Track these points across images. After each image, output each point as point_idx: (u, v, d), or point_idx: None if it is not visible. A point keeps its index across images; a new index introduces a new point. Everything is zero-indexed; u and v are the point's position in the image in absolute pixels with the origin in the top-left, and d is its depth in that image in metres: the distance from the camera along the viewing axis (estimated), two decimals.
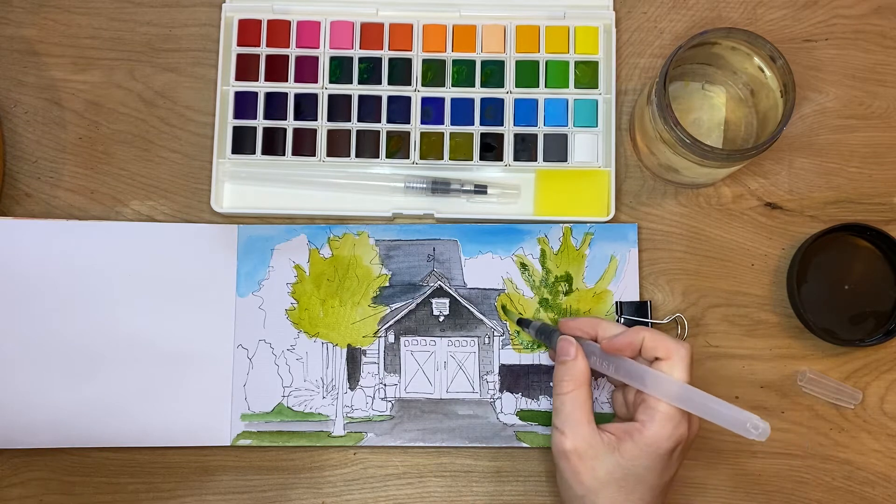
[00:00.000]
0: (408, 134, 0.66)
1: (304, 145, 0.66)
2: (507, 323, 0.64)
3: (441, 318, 0.65)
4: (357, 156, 0.66)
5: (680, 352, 0.54)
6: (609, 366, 0.55)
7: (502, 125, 0.66)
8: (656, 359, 0.54)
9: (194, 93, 0.67)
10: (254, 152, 0.66)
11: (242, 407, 0.64)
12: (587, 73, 0.66)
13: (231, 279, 0.65)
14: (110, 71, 0.67)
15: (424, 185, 0.65)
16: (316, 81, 0.66)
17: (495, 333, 0.65)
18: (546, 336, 0.60)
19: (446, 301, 0.65)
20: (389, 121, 0.66)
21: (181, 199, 0.66)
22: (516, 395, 0.64)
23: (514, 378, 0.64)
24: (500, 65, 0.66)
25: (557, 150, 0.66)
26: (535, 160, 0.66)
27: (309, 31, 0.67)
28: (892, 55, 0.68)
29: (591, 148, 0.66)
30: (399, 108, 0.66)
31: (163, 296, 0.64)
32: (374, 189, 0.65)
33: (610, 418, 0.63)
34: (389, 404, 0.64)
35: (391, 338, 0.65)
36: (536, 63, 0.66)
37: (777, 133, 0.57)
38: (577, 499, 0.54)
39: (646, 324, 0.64)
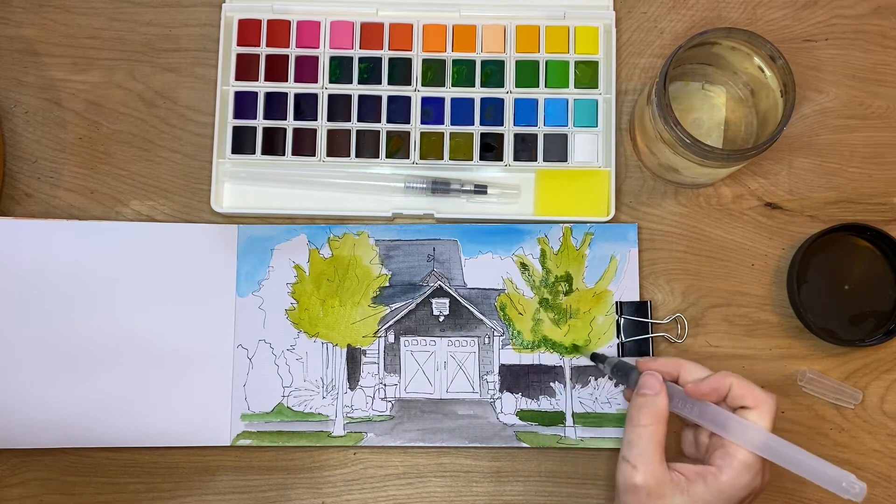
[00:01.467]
0: (408, 134, 0.66)
1: (304, 145, 0.66)
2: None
3: (441, 318, 0.65)
4: (357, 156, 0.66)
5: (768, 402, 0.53)
6: (692, 409, 0.54)
7: (502, 125, 0.66)
8: (742, 406, 0.53)
9: (194, 93, 0.67)
10: (254, 152, 0.66)
11: (242, 407, 0.64)
12: (587, 73, 0.66)
13: (231, 279, 0.65)
14: (110, 71, 0.67)
15: (424, 185, 0.65)
16: (316, 81, 0.66)
17: (495, 333, 0.65)
18: (623, 374, 0.58)
19: (446, 301, 0.65)
20: (389, 121, 0.66)
21: (181, 199, 0.66)
22: (516, 395, 0.64)
23: (514, 378, 0.64)
24: (500, 65, 0.66)
25: (557, 150, 0.66)
26: (535, 160, 0.66)
27: (309, 31, 0.67)
28: (892, 55, 0.68)
29: (591, 148, 0.66)
30: (399, 108, 0.66)
31: (163, 296, 0.64)
32: (374, 189, 0.65)
33: (611, 418, 0.63)
34: (389, 404, 0.64)
35: (391, 338, 0.65)
36: (536, 63, 0.66)
37: (777, 133, 0.57)
38: None
39: (646, 325, 0.64)
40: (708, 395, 0.54)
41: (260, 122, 0.66)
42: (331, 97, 0.66)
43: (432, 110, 0.66)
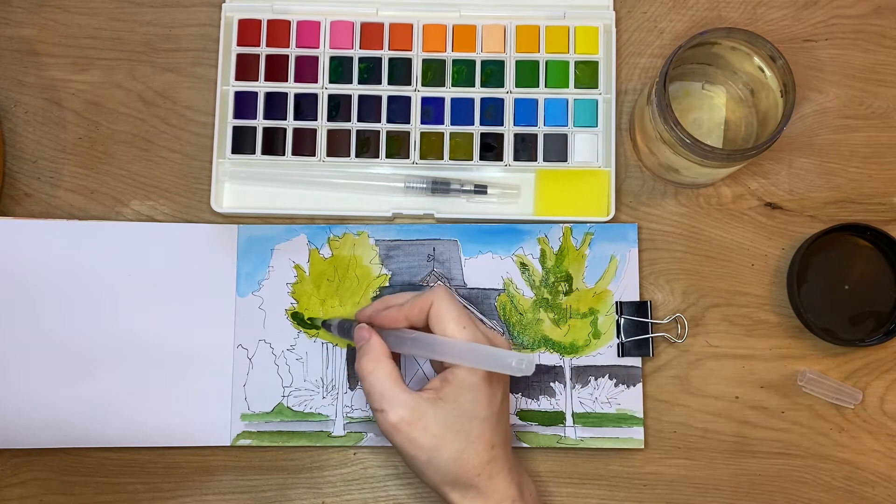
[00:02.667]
0: (408, 134, 0.66)
1: (304, 145, 0.66)
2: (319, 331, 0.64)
3: None
4: (357, 156, 0.66)
5: (435, 294, 0.54)
6: (405, 343, 0.55)
7: (502, 125, 0.66)
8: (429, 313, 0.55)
9: (194, 93, 0.67)
10: (254, 152, 0.66)
11: (242, 407, 0.64)
12: (587, 73, 0.66)
13: (231, 279, 0.65)
14: (110, 71, 0.67)
15: (424, 185, 0.65)
16: (316, 81, 0.66)
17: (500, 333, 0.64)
18: (347, 331, 0.59)
19: None
20: (389, 121, 0.66)
21: (181, 199, 0.66)
22: (516, 395, 0.64)
23: (513, 378, 0.64)
24: (500, 65, 0.66)
25: (557, 150, 0.66)
26: (535, 160, 0.66)
27: (309, 30, 0.67)
28: (892, 55, 0.68)
29: (591, 148, 0.66)
30: (399, 108, 0.66)
31: (163, 296, 0.64)
32: (374, 189, 0.65)
33: (611, 418, 0.63)
34: None
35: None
36: (536, 63, 0.66)
37: (777, 133, 0.57)
38: (425, 465, 0.53)
39: (646, 325, 0.64)
40: (392, 321, 0.56)
41: (260, 122, 0.66)
42: (331, 97, 0.66)
43: (432, 110, 0.66)
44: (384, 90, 0.66)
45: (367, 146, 0.66)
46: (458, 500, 0.54)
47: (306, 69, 0.66)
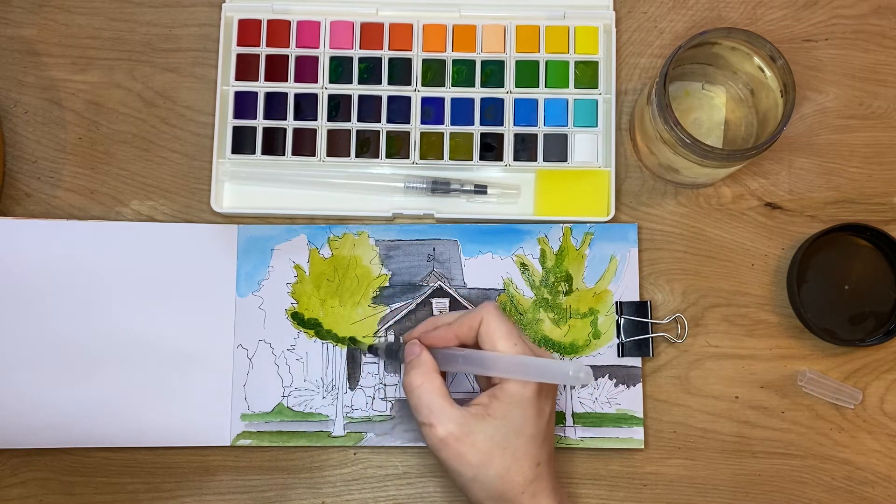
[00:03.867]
0: (408, 134, 0.66)
1: (304, 145, 0.66)
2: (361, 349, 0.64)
3: None
4: (357, 156, 0.66)
5: (484, 310, 0.54)
6: (455, 361, 0.55)
7: (502, 125, 0.66)
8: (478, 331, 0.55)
9: (194, 93, 0.67)
10: (254, 152, 0.66)
11: (242, 407, 0.64)
12: (587, 73, 0.66)
13: (231, 279, 0.65)
14: (110, 71, 0.67)
15: (424, 185, 0.65)
16: (316, 81, 0.66)
17: None
18: (395, 353, 0.60)
19: (446, 301, 0.65)
20: (389, 121, 0.66)
21: (181, 199, 0.66)
22: None
23: None
24: (500, 65, 0.66)
25: (557, 150, 0.66)
26: (535, 160, 0.66)
27: (309, 31, 0.67)
28: (892, 55, 0.68)
29: (591, 148, 0.66)
30: (399, 108, 0.66)
31: (163, 296, 0.64)
32: (374, 189, 0.65)
33: (611, 418, 0.63)
34: (389, 404, 0.64)
35: (391, 338, 0.65)
36: (536, 63, 0.66)
37: (777, 133, 0.57)
38: (471, 482, 0.53)
39: (646, 325, 0.64)
40: (442, 340, 0.56)
41: (260, 122, 0.66)
42: (331, 97, 0.66)
43: (432, 110, 0.66)
44: (384, 90, 0.66)
45: (367, 146, 0.66)
46: None
47: (306, 69, 0.66)
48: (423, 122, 0.66)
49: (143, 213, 0.66)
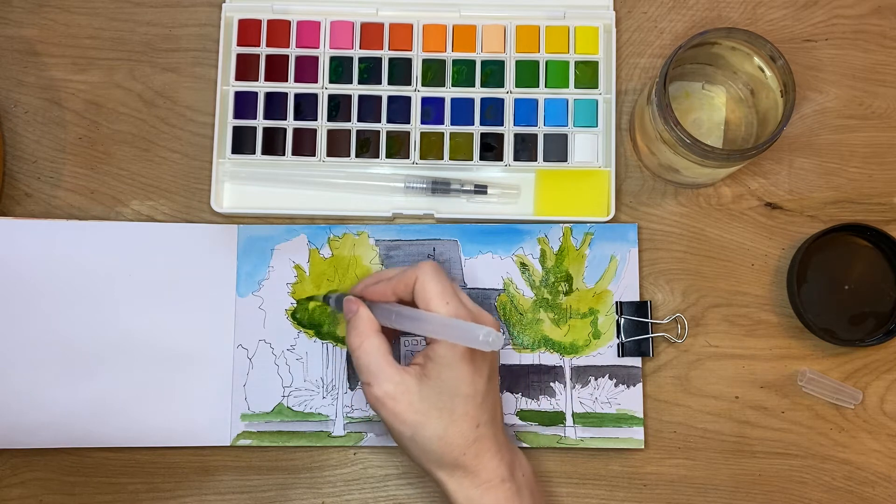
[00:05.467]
0: (408, 134, 0.66)
1: (304, 145, 0.66)
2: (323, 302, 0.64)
3: None
4: (357, 156, 0.66)
5: (420, 269, 0.54)
6: (390, 316, 0.55)
7: (502, 125, 0.66)
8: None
9: (194, 93, 0.67)
10: (254, 152, 0.66)
11: (242, 407, 0.64)
12: (587, 73, 0.66)
13: (231, 279, 0.65)
14: (110, 71, 0.67)
15: (424, 185, 0.65)
16: (316, 81, 0.66)
17: (502, 332, 0.64)
18: (336, 303, 0.60)
19: None
20: (389, 121, 0.66)
21: (181, 199, 0.66)
22: (516, 395, 0.64)
23: (514, 378, 0.64)
24: (500, 65, 0.66)
25: (557, 150, 0.66)
26: (535, 160, 0.66)
27: (309, 31, 0.67)
28: (892, 55, 0.68)
29: (591, 148, 0.66)
30: (399, 108, 0.66)
31: (163, 296, 0.64)
32: (374, 189, 0.65)
33: (611, 418, 0.63)
34: None
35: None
36: (536, 63, 0.66)
37: (777, 133, 0.57)
38: (409, 441, 0.53)
39: (646, 325, 0.64)
40: (380, 295, 0.56)
41: (260, 122, 0.66)
42: (331, 97, 0.66)
43: (432, 110, 0.66)
44: (384, 90, 0.66)
45: (367, 146, 0.66)
46: (446, 480, 0.54)
47: (306, 69, 0.66)
48: (423, 122, 0.66)
49: (143, 213, 0.66)
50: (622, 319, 0.64)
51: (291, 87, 0.66)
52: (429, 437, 0.53)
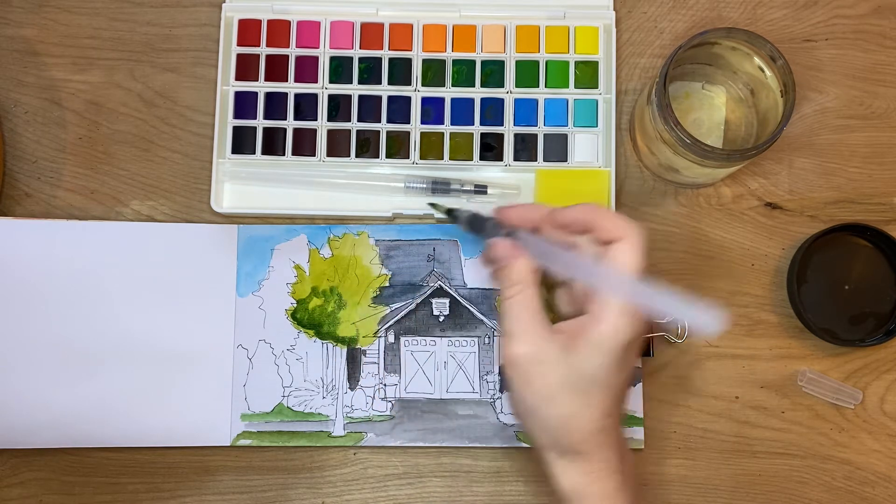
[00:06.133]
0: (408, 134, 0.66)
1: (304, 145, 0.66)
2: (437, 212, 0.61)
3: (441, 318, 0.65)
4: (357, 156, 0.66)
5: (633, 232, 0.49)
6: (557, 261, 0.50)
7: (502, 125, 0.66)
8: (609, 242, 0.49)
9: (194, 93, 0.67)
10: (254, 152, 0.66)
11: (242, 407, 0.64)
12: (587, 73, 0.66)
13: (231, 279, 0.65)
14: (110, 71, 0.67)
15: (424, 185, 0.65)
16: (316, 81, 0.66)
17: (495, 333, 0.65)
18: (480, 227, 0.54)
19: (446, 301, 0.65)
20: (389, 121, 0.66)
21: (181, 199, 0.66)
22: None
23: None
24: (500, 65, 0.66)
25: (557, 150, 0.66)
26: (535, 160, 0.66)
27: (309, 31, 0.67)
28: (892, 55, 0.68)
29: (591, 148, 0.66)
30: (399, 108, 0.66)
31: (163, 296, 0.64)
32: (374, 189, 0.65)
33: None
34: (389, 404, 0.64)
35: (391, 338, 0.65)
36: (536, 63, 0.66)
37: (777, 133, 0.57)
38: (530, 411, 0.50)
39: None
40: (568, 224, 0.51)
41: (260, 122, 0.66)
42: (331, 97, 0.66)
43: (432, 110, 0.66)
44: (384, 90, 0.66)
45: (367, 146, 0.66)
46: (553, 461, 0.50)
47: (306, 69, 0.66)
48: (423, 122, 0.66)
49: (143, 213, 0.66)
50: None
51: (291, 87, 0.66)
52: (554, 415, 0.49)
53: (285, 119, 0.66)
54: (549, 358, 0.49)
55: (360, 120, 0.66)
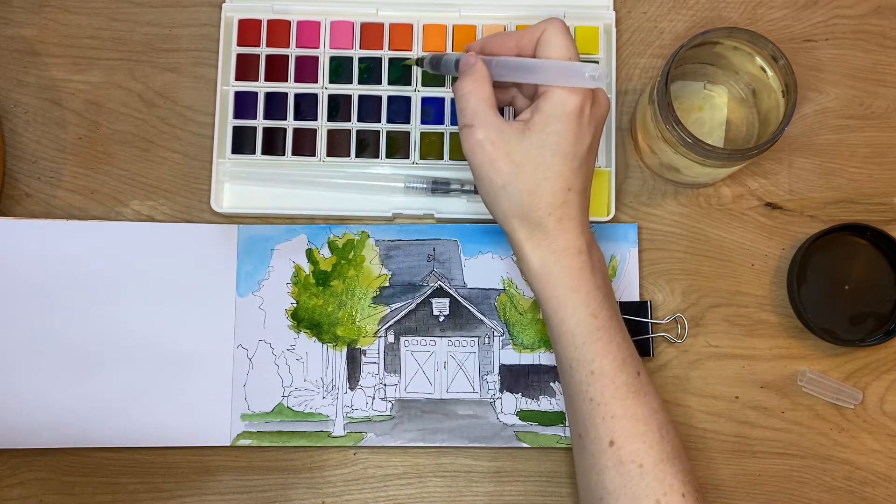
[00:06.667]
0: (408, 134, 0.66)
1: (304, 145, 0.66)
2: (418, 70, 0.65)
3: (441, 318, 0.65)
4: (357, 156, 0.66)
5: (551, 23, 0.53)
6: (504, 68, 0.54)
7: None
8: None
9: (194, 93, 0.67)
10: (254, 152, 0.66)
11: (242, 407, 0.64)
12: None
13: (231, 279, 0.65)
14: (110, 71, 0.67)
15: (424, 185, 0.65)
16: (316, 81, 0.66)
17: (495, 333, 0.65)
18: (445, 64, 0.60)
19: (446, 301, 0.65)
20: (389, 121, 0.66)
21: (181, 199, 0.66)
22: (516, 395, 0.64)
23: (514, 378, 0.64)
24: None
25: None
26: None
27: (309, 31, 0.67)
28: (892, 55, 0.68)
29: None
30: (399, 108, 0.66)
31: (163, 296, 0.64)
32: (374, 189, 0.65)
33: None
34: (389, 404, 0.64)
35: (391, 338, 0.65)
36: None
37: (779, 133, 0.57)
38: (499, 191, 0.53)
39: (646, 325, 0.64)
40: (502, 47, 0.55)
41: (260, 122, 0.66)
42: (331, 97, 0.66)
43: (432, 110, 0.66)
44: (384, 90, 0.66)
45: (366, 146, 0.66)
46: (524, 240, 0.54)
47: (306, 69, 0.66)
48: (423, 122, 0.66)
49: (143, 213, 0.66)
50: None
51: (291, 87, 0.66)
52: (520, 188, 0.52)
53: (285, 119, 0.66)
54: (510, 137, 0.52)
55: (360, 120, 0.66)
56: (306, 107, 0.66)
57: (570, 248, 0.53)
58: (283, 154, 0.65)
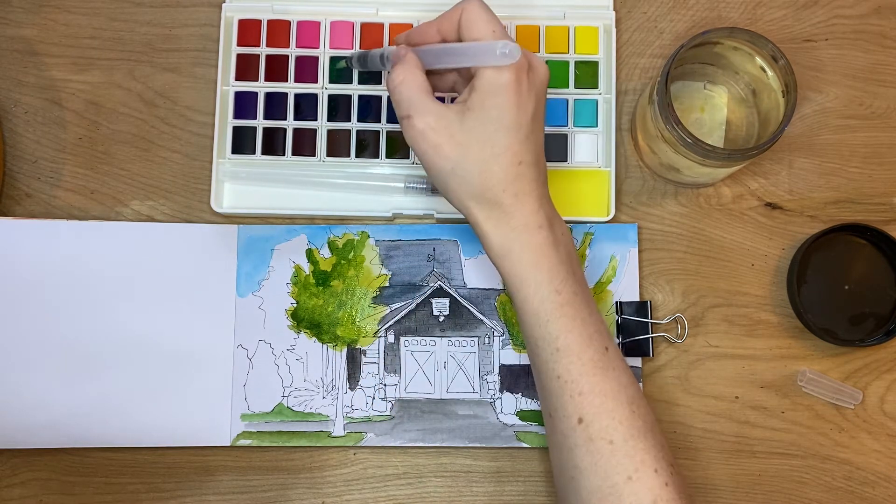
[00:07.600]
0: None
1: (304, 145, 0.66)
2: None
3: (441, 319, 0.65)
4: (357, 156, 0.66)
5: (470, 5, 0.53)
6: (433, 55, 0.54)
7: None
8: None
9: (194, 93, 0.67)
10: (254, 152, 0.66)
11: (242, 407, 0.64)
12: (587, 73, 0.66)
13: (231, 279, 0.65)
14: (110, 71, 0.67)
15: (424, 185, 0.65)
16: (316, 81, 0.66)
17: (495, 333, 0.65)
18: (370, 58, 0.60)
19: (446, 301, 0.65)
20: (389, 121, 0.66)
21: (181, 199, 0.66)
22: (516, 396, 0.64)
23: (514, 378, 0.64)
24: None
25: (557, 150, 0.66)
26: None
27: (309, 31, 0.67)
28: (892, 55, 0.68)
29: (591, 148, 0.66)
30: None
31: (163, 296, 0.64)
32: (374, 189, 0.65)
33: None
34: (389, 404, 0.64)
35: (391, 338, 0.65)
36: None
37: (779, 133, 0.57)
38: (450, 175, 0.52)
39: (646, 325, 0.64)
40: (425, 36, 0.55)
41: (260, 122, 0.66)
42: (331, 97, 0.66)
43: None
44: (384, 90, 0.66)
45: (366, 146, 0.66)
46: (482, 221, 0.52)
47: (306, 69, 0.66)
48: None
49: (143, 213, 0.66)
50: (622, 319, 0.64)
51: (291, 88, 0.66)
52: (469, 169, 0.51)
53: (285, 119, 0.66)
54: (450, 121, 0.52)
55: (359, 120, 0.66)
56: (306, 107, 0.66)
57: (529, 223, 0.52)
58: (283, 154, 0.65)
